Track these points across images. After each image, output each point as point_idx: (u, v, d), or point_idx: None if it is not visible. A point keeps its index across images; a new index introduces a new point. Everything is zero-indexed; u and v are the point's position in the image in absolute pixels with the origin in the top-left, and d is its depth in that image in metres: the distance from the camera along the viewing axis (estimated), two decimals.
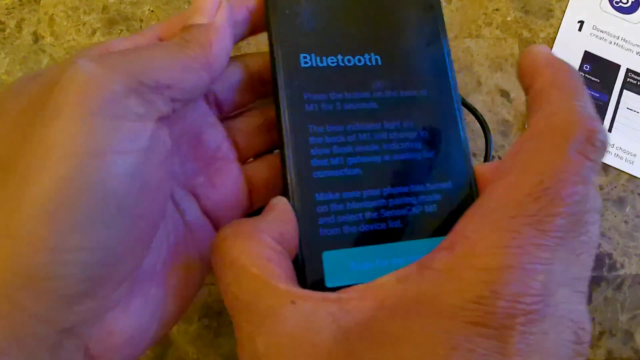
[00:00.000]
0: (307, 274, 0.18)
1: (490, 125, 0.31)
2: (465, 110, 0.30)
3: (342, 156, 0.20)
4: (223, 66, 0.19)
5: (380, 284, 0.15)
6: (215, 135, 0.21)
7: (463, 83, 0.32)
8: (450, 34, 0.33)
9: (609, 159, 0.30)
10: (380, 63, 0.21)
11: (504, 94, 0.32)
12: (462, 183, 0.20)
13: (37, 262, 0.14)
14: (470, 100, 0.31)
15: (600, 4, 0.34)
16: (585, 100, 0.15)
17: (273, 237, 0.17)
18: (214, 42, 0.18)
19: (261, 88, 0.22)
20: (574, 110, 0.15)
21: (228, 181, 0.21)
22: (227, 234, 0.17)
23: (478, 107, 0.31)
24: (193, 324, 0.27)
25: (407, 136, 0.20)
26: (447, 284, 0.14)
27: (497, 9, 0.34)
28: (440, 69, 0.21)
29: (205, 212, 0.21)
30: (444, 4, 0.34)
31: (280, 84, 0.20)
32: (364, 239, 0.19)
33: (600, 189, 0.30)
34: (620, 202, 0.30)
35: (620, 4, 0.34)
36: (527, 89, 0.17)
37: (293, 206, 0.19)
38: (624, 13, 0.33)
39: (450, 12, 0.33)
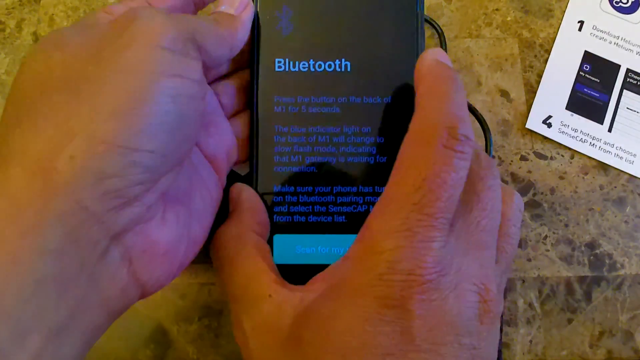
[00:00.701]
0: None
1: (490, 125, 0.31)
2: None
3: (301, 155, 0.22)
4: (238, 50, 0.21)
5: (321, 277, 0.18)
6: (210, 94, 0.23)
7: (463, 83, 0.32)
8: (450, 34, 0.33)
9: (609, 159, 0.30)
10: (349, 69, 0.23)
11: (504, 94, 0.32)
12: None
13: (106, 160, 0.15)
14: (471, 100, 0.31)
15: (600, 4, 0.34)
16: (452, 101, 0.18)
17: (255, 231, 0.20)
18: (239, 30, 0.21)
19: (240, 58, 0.24)
20: (440, 111, 0.17)
21: (221, 132, 0.22)
22: (222, 236, 0.21)
23: (478, 107, 0.31)
24: (193, 324, 0.27)
25: (364, 141, 0.22)
26: (358, 268, 0.17)
27: (497, 9, 0.34)
28: (406, 78, 0.23)
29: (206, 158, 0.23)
30: (444, 4, 0.34)
31: (255, 85, 0.22)
32: (310, 228, 0.22)
33: (601, 189, 0.30)
34: (620, 202, 0.30)
35: (620, 4, 0.34)
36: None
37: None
38: (624, 13, 0.33)
39: (450, 12, 0.34)
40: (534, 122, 0.31)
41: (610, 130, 0.31)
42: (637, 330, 0.28)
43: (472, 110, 0.29)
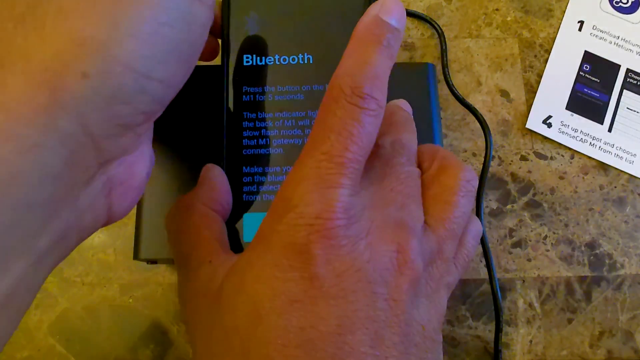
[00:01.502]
0: (229, 230, 0.22)
1: (490, 125, 0.31)
2: (465, 110, 0.30)
3: (268, 138, 0.24)
4: (212, 16, 0.20)
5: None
6: None
7: (463, 83, 0.32)
8: (450, 34, 0.33)
9: (609, 159, 0.30)
10: (311, 62, 0.25)
11: (504, 94, 0.32)
12: None
13: (120, 84, 0.14)
14: (470, 100, 0.31)
15: (600, 4, 0.34)
16: (366, 61, 0.18)
17: (206, 204, 0.21)
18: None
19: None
20: (350, 70, 0.17)
21: None
22: (173, 208, 0.21)
23: (478, 107, 0.31)
24: None
25: None
26: (271, 217, 0.17)
27: (497, 9, 0.34)
28: None
29: None
30: (444, 4, 0.34)
31: (225, 79, 0.25)
32: None
33: (601, 189, 0.30)
34: (620, 202, 0.30)
35: (620, 4, 0.34)
36: None
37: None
38: (624, 13, 0.33)
39: (450, 12, 0.33)
40: (534, 122, 0.31)
41: (610, 130, 0.31)
42: (637, 330, 0.28)
43: (472, 110, 0.29)
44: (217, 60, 0.32)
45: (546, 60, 0.32)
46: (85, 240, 0.17)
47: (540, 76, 0.32)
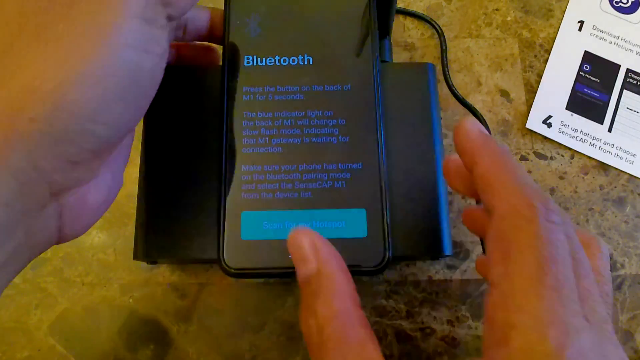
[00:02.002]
0: (227, 227, 0.23)
1: (490, 125, 0.31)
2: (465, 110, 0.30)
3: (267, 137, 0.24)
4: (183, 14, 0.20)
5: None
6: None
7: (463, 83, 0.32)
8: (450, 34, 0.33)
9: (609, 159, 0.30)
10: (311, 63, 0.25)
11: (504, 94, 0.32)
12: (371, 165, 0.24)
13: (64, 127, 0.15)
14: (470, 100, 0.31)
15: (600, 4, 0.34)
16: (527, 177, 0.17)
17: (353, 299, 0.18)
18: None
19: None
20: (526, 188, 0.16)
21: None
22: (320, 313, 0.18)
23: (478, 107, 0.31)
24: (193, 324, 0.27)
25: (326, 123, 0.24)
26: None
27: (497, 9, 0.34)
28: (364, 69, 0.25)
29: None
30: (444, 4, 0.34)
31: (225, 79, 0.25)
32: (277, 204, 0.23)
33: (600, 189, 0.30)
34: (620, 202, 0.30)
35: (620, 4, 0.34)
36: (469, 168, 0.19)
37: (224, 174, 0.23)
38: (624, 13, 0.33)
39: (450, 12, 0.33)
40: (534, 122, 0.31)
41: (610, 130, 0.31)
42: (637, 330, 0.28)
43: (472, 110, 0.29)
44: (217, 61, 0.32)
45: (546, 60, 0.32)
46: (77, 242, 0.17)
47: (540, 76, 0.32)
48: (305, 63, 0.25)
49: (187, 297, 0.27)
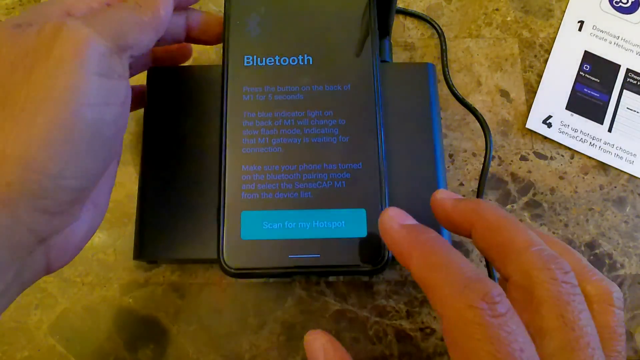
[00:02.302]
0: (227, 227, 0.23)
1: (490, 125, 0.31)
2: (465, 110, 0.30)
3: (267, 137, 0.24)
4: (164, 30, 0.22)
5: None
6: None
7: (463, 83, 0.32)
8: (450, 34, 0.33)
9: (609, 159, 0.30)
10: (311, 62, 0.25)
11: (504, 94, 0.32)
12: (371, 165, 0.24)
13: (40, 187, 0.17)
14: (470, 100, 0.31)
15: (600, 4, 0.34)
16: (458, 267, 0.17)
17: None
18: (162, 7, 0.21)
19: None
20: (461, 291, 0.16)
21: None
22: None
23: (478, 107, 0.31)
24: (193, 324, 0.27)
25: (326, 123, 0.24)
26: None
27: (497, 9, 0.34)
28: (364, 69, 0.25)
29: None
30: (444, 4, 0.34)
31: (225, 78, 0.25)
32: (277, 204, 0.23)
33: (601, 189, 0.30)
34: (620, 202, 0.30)
35: (620, 4, 0.34)
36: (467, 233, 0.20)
37: (224, 174, 0.23)
38: (624, 13, 0.33)
39: (450, 12, 0.33)
40: (534, 122, 0.31)
41: (610, 130, 0.31)
42: (637, 330, 0.28)
43: (472, 110, 0.29)
44: (217, 60, 0.32)
45: (546, 60, 0.32)
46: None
47: (540, 76, 0.32)
48: (305, 63, 0.25)
49: (187, 297, 0.27)
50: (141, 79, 0.27)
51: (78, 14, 0.20)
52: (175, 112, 0.26)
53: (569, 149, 0.31)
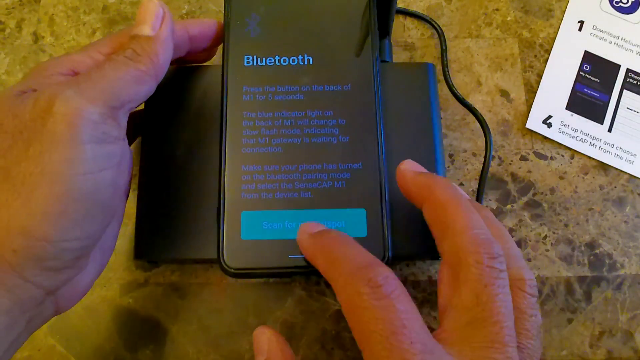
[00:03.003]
0: (227, 227, 0.23)
1: (490, 125, 0.31)
2: (465, 110, 0.30)
3: (268, 137, 0.24)
4: (165, 72, 0.22)
5: None
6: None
7: (463, 83, 0.32)
8: (450, 34, 0.33)
9: (609, 159, 0.30)
10: (311, 62, 0.25)
11: (504, 94, 0.32)
12: (371, 165, 0.24)
13: (43, 252, 0.18)
14: (470, 100, 0.31)
15: (600, 4, 0.34)
16: (476, 218, 0.20)
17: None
18: (160, 53, 0.22)
19: None
20: (474, 236, 0.19)
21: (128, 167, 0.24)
22: None
23: (478, 107, 0.31)
24: (193, 324, 0.27)
25: (326, 123, 0.24)
26: None
27: (497, 9, 0.34)
28: (364, 69, 0.25)
29: None
30: (444, 4, 0.34)
31: (225, 78, 0.25)
32: (277, 204, 0.23)
33: (601, 189, 0.30)
34: (620, 202, 0.30)
35: (620, 4, 0.34)
36: (418, 203, 0.22)
37: (223, 174, 0.23)
38: (624, 13, 0.33)
39: (450, 12, 0.33)
40: (534, 122, 0.31)
41: (610, 130, 0.31)
42: (637, 330, 0.28)
43: (472, 110, 0.29)
44: (217, 60, 0.32)
45: (546, 60, 0.32)
46: None
47: (540, 76, 0.32)
48: (305, 63, 0.25)
49: (187, 297, 0.27)
50: None
51: (83, 70, 0.21)
52: (175, 112, 0.26)
53: (569, 149, 0.31)
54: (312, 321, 0.27)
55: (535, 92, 0.32)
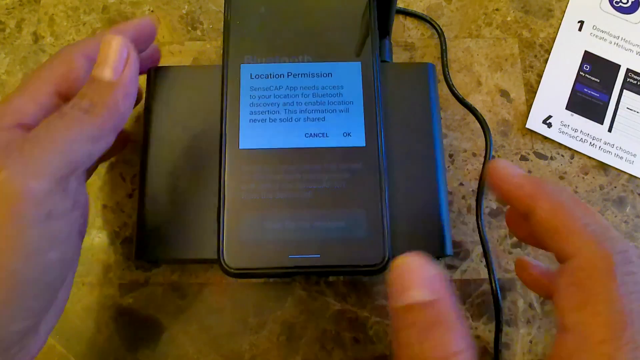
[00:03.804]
0: (227, 227, 0.23)
1: (490, 125, 0.31)
2: (465, 110, 0.30)
3: (267, 137, 0.24)
4: (125, 121, 0.20)
5: None
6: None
7: (463, 83, 0.32)
8: (450, 34, 0.33)
9: (609, 159, 0.30)
10: (311, 62, 0.25)
11: (504, 94, 0.32)
12: (371, 165, 0.24)
13: None
14: (470, 100, 0.31)
15: (600, 4, 0.34)
16: (593, 216, 0.17)
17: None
18: (121, 102, 0.19)
19: None
20: (598, 239, 0.17)
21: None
22: None
23: (478, 107, 0.31)
24: (193, 324, 0.27)
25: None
26: None
27: (497, 9, 0.34)
28: (364, 69, 0.25)
29: None
30: (444, 4, 0.34)
31: (225, 78, 0.25)
32: (277, 205, 0.23)
33: (601, 189, 0.30)
34: (620, 202, 0.30)
35: (620, 4, 0.34)
36: (523, 214, 0.19)
37: (223, 174, 0.23)
38: (624, 13, 0.33)
39: (450, 12, 0.33)
40: (534, 122, 0.31)
41: (610, 130, 0.31)
42: None
43: (472, 110, 0.29)
44: (217, 61, 0.32)
45: (546, 60, 0.32)
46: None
47: (540, 76, 0.32)
48: (305, 62, 0.25)
49: (187, 297, 0.27)
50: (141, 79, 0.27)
51: (28, 121, 0.19)
52: (175, 112, 0.26)
53: (569, 149, 0.31)
54: (312, 321, 0.27)
55: (535, 92, 0.32)
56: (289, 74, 0.25)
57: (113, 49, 0.19)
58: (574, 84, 0.32)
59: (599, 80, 0.32)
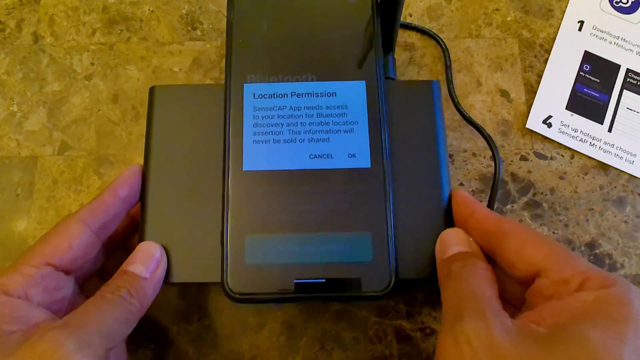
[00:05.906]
0: (231, 251, 0.22)
1: (491, 125, 0.31)
2: (471, 128, 0.30)
3: (271, 151, 0.24)
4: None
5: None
6: None
7: (463, 83, 0.32)
8: (450, 34, 0.33)
9: (609, 159, 0.30)
10: (315, 80, 0.25)
11: (504, 94, 0.32)
12: (376, 187, 0.23)
13: None
14: (470, 100, 0.31)
15: (600, 4, 0.34)
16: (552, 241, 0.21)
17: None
18: (150, 296, 0.22)
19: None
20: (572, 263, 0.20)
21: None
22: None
23: (478, 107, 0.31)
24: (193, 324, 0.27)
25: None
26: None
27: (497, 9, 0.34)
28: (368, 87, 0.25)
29: None
30: (444, 4, 0.34)
31: (228, 97, 0.25)
32: (281, 228, 0.23)
33: (601, 189, 0.30)
34: (620, 202, 0.30)
35: (620, 4, 0.34)
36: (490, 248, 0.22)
37: (227, 197, 0.23)
38: (624, 13, 0.33)
39: (450, 12, 0.33)
40: (534, 122, 0.31)
41: (610, 130, 0.31)
42: None
43: (479, 129, 0.29)
44: (220, 79, 0.32)
45: (546, 60, 0.32)
46: None
47: (540, 76, 0.32)
48: (309, 81, 0.25)
49: (187, 297, 0.27)
50: (143, 92, 0.27)
51: (13, 292, 0.20)
52: (177, 133, 0.25)
53: (569, 149, 0.31)
54: (312, 321, 0.27)
55: (535, 92, 0.32)
56: (293, 93, 0.25)
57: (150, 252, 0.23)
58: (574, 84, 0.32)
59: (599, 80, 0.32)
